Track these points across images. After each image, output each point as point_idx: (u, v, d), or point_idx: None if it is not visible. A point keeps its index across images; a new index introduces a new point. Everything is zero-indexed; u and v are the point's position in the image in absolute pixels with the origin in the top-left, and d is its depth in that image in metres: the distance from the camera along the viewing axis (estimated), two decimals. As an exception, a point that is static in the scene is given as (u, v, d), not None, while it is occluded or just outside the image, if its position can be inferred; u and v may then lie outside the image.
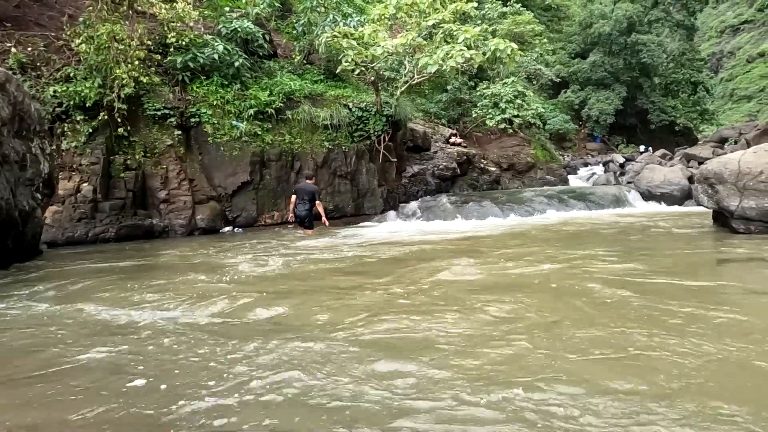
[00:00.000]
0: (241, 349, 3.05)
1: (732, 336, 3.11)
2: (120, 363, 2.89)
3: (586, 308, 3.87)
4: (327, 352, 2.98)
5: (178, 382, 2.58)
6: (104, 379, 2.66)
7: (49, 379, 2.68)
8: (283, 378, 2.61)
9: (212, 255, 7.38)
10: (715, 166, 7.91)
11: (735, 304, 3.92)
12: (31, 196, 7.01)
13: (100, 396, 2.44)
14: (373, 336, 3.36)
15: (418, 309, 3.97)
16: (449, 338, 3.24)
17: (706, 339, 3.06)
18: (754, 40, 56.64)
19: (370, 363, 2.79)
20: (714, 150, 21.37)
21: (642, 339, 3.10)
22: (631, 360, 2.80)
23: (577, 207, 13.12)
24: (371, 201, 12.43)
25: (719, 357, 2.81)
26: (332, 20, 12.56)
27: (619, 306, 3.91)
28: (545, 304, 4.02)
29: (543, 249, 7.07)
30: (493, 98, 20.05)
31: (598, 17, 33.61)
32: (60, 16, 10.45)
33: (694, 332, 3.21)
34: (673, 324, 3.40)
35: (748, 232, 7.32)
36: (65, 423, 2.22)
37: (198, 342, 3.22)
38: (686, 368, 2.65)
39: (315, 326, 3.60)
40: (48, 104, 9.18)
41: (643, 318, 3.56)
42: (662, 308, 3.76)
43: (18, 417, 2.27)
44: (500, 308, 3.89)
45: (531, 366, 2.73)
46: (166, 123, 10.40)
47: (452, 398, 2.33)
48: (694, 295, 4.20)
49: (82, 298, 4.64)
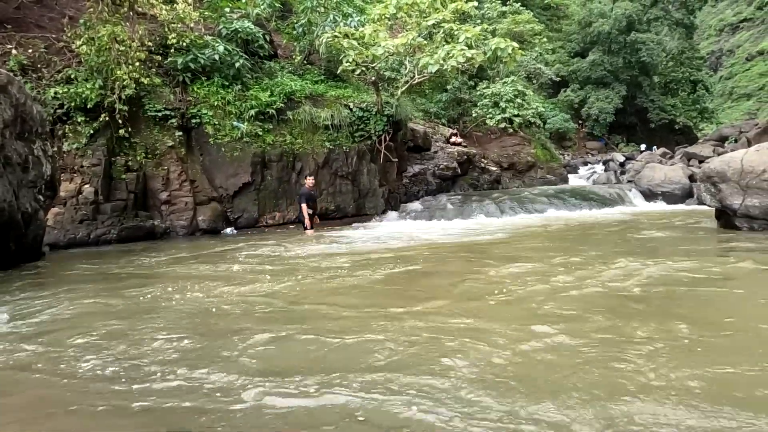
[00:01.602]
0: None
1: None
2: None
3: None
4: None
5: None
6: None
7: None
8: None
9: (201, 262, 6.65)
10: (718, 165, 7.89)
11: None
12: (34, 198, 7.00)
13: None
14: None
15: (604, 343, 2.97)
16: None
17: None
18: (754, 38, 56.66)
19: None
20: (714, 148, 21.33)
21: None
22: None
23: (578, 206, 13.08)
24: (372, 201, 12.41)
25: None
26: (332, 20, 12.54)
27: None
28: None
29: (572, 249, 6.69)
30: (493, 98, 20.05)
31: (598, 16, 33.65)
32: (60, 18, 10.44)
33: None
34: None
35: (752, 230, 7.31)
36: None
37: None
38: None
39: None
40: (49, 106, 9.16)
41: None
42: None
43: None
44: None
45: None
46: (167, 124, 10.40)
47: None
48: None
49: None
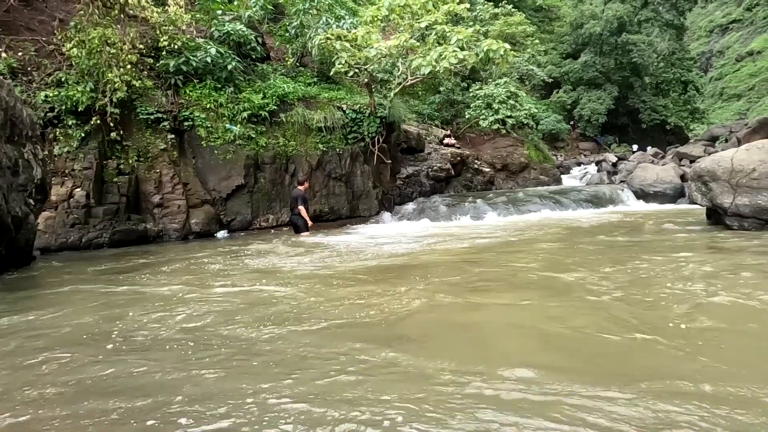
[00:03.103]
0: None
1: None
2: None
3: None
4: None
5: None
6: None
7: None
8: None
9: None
10: (709, 164, 7.95)
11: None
12: (24, 202, 6.94)
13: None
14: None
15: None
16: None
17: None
18: (743, 39, 57.20)
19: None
20: (705, 148, 21.51)
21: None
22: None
23: (571, 207, 13.13)
24: (366, 203, 12.41)
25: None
26: (325, 22, 12.54)
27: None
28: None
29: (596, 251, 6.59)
30: (486, 99, 20.09)
31: (589, 18, 33.83)
32: (51, 21, 10.38)
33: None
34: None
35: (742, 228, 7.37)
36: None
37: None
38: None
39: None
40: (39, 109, 9.09)
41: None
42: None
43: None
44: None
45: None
46: (159, 127, 10.35)
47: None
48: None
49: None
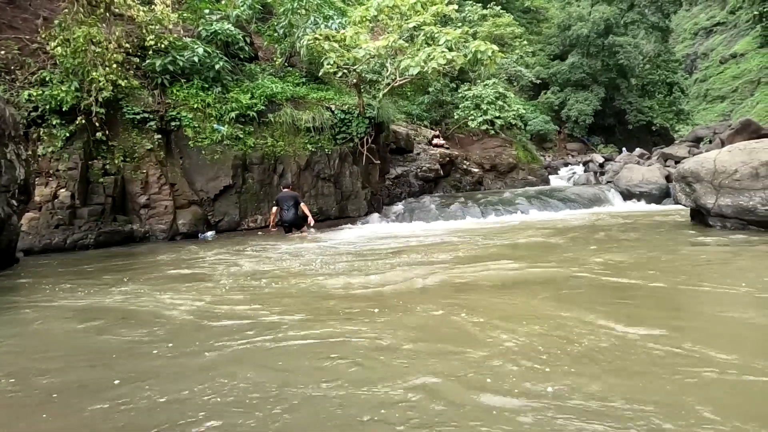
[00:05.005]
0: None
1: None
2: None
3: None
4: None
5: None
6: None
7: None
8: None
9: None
10: (692, 165, 8.06)
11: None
12: (7, 203, 6.83)
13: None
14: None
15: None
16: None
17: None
18: (726, 42, 58.04)
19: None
20: (690, 149, 21.83)
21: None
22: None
23: (558, 207, 13.23)
24: (355, 203, 12.40)
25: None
26: (313, 22, 12.52)
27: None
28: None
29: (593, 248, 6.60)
30: (475, 100, 20.20)
31: (576, 19, 34.11)
32: (34, 19, 10.24)
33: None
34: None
35: (725, 228, 7.49)
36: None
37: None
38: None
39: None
40: (23, 108, 8.96)
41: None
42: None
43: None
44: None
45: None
46: (145, 127, 10.25)
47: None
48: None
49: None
